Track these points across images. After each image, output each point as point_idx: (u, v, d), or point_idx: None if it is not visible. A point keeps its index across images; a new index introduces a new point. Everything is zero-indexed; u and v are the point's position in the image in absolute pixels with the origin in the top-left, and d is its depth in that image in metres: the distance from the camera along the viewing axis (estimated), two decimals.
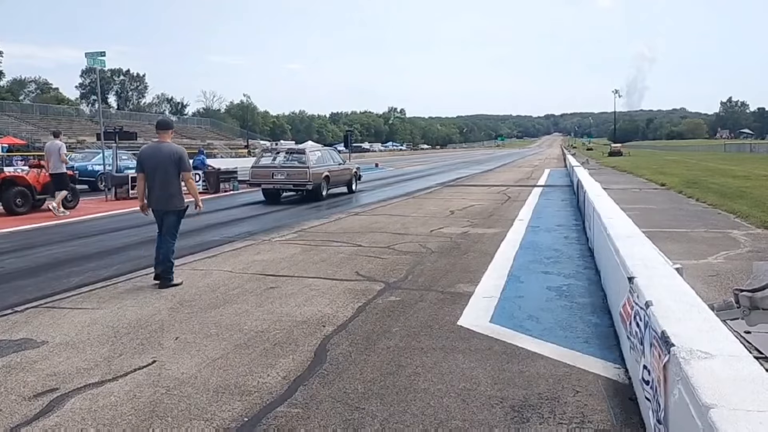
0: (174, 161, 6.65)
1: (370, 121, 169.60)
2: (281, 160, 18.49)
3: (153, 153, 6.76)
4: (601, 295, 5.93)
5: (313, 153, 18.58)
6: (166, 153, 6.68)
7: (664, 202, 15.61)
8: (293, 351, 4.48)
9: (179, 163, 6.67)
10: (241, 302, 5.89)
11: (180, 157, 6.69)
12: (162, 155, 6.67)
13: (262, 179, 17.84)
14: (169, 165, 6.63)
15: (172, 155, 6.66)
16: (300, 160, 17.97)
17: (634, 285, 3.55)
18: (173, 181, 6.68)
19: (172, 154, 6.66)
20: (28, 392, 3.80)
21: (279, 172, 17.61)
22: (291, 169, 17.59)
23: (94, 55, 18.76)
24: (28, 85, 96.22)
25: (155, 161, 6.67)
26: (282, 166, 17.97)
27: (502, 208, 14.40)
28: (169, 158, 6.64)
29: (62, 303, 6.01)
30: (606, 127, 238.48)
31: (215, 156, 53.21)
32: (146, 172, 6.73)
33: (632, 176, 27.45)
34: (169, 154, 6.67)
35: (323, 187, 18.04)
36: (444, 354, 4.37)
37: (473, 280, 6.74)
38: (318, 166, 17.95)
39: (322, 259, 8.08)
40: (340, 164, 19.87)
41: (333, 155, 20.26)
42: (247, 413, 3.45)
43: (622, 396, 3.62)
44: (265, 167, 18.24)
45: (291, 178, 17.39)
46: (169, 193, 6.69)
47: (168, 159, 6.64)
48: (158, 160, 6.66)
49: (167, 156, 6.65)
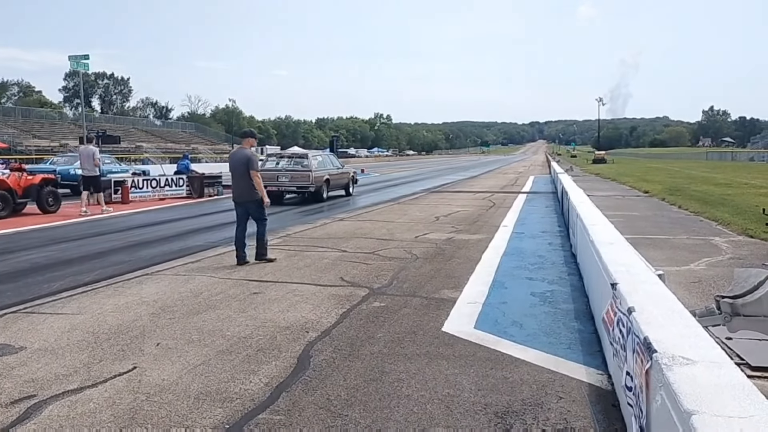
0: (244, 162, 8.21)
1: (356, 126, 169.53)
2: (285, 164, 19.39)
3: (233, 156, 8.53)
4: (584, 301, 5.95)
5: (315, 157, 19.59)
6: (240, 156, 8.33)
7: (646, 209, 15.75)
8: (276, 357, 4.44)
9: (247, 164, 8.18)
10: (223, 308, 5.83)
11: (248, 159, 8.23)
12: (237, 158, 8.34)
13: (267, 182, 18.16)
14: (242, 165, 8.22)
15: (243, 158, 8.27)
16: (303, 164, 18.91)
17: (617, 291, 3.57)
18: (245, 178, 8.21)
19: (243, 157, 8.28)
20: (5, 399, 3.72)
21: (283, 175, 18.53)
22: (294, 173, 18.52)
23: (78, 59, 18.59)
24: (11, 88, 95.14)
25: (234, 163, 8.37)
26: (286, 170, 18.85)
27: (486, 215, 14.44)
28: (241, 160, 8.27)
29: (42, 308, 5.91)
30: (590, 134, 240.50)
31: (200, 161, 52.92)
32: (231, 171, 8.47)
33: (616, 183, 27.69)
34: (241, 157, 8.31)
35: (324, 190, 18.93)
36: (428, 360, 4.35)
37: (457, 286, 6.74)
38: (319, 169, 18.85)
39: (307, 265, 8.04)
40: (339, 168, 20.84)
41: (333, 160, 21.28)
42: (229, 420, 3.40)
43: (605, 402, 3.62)
44: (270, 170, 18.87)
45: (294, 181, 18.37)
46: (243, 187, 8.28)
47: (240, 161, 8.26)
48: (235, 162, 8.34)
49: (240, 158, 8.28)
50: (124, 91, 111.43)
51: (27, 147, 49.45)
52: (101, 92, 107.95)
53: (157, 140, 69.52)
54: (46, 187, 15.71)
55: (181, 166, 22.67)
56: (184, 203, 19.23)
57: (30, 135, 55.97)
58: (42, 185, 15.61)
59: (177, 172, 22.12)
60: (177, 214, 15.91)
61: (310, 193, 18.57)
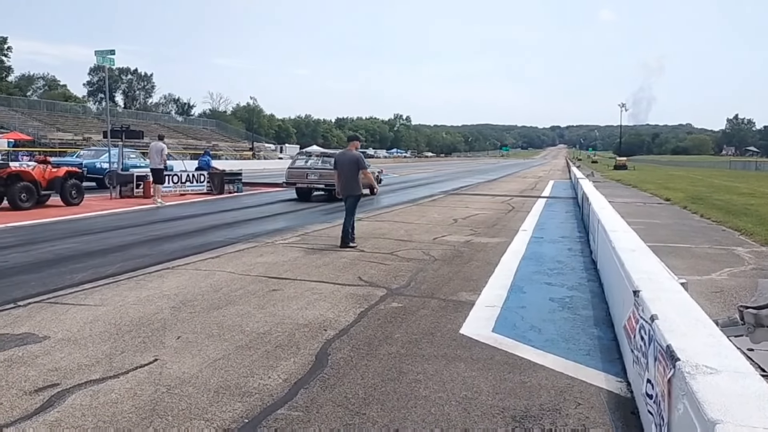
0: (354, 162, 9.66)
1: (375, 127, 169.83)
2: (314, 163, 20.03)
3: (342, 156, 9.97)
4: (604, 308, 5.91)
5: None
6: (349, 157, 9.77)
7: (668, 217, 15.58)
8: (294, 354, 4.48)
9: (358, 164, 9.65)
10: (243, 303, 5.89)
11: (357, 159, 9.71)
12: (347, 158, 9.77)
13: (296, 179, 19.57)
14: (352, 165, 9.65)
15: (352, 159, 9.72)
16: (331, 163, 18.81)
17: (640, 298, 3.55)
18: (353, 176, 9.64)
19: (352, 158, 9.73)
20: (29, 386, 3.79)
21: (312, 173, 19.30)
22: (323, 171, 18.98)
23: (104, 54, 18.82)
24: (36, 81, 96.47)
25: (342, 162, 9.77)
26: (315, 168, 19.56)
27: (505, 218, 14.39)
28: (350, 161, 9.70)
29: (65, 299, 6.01)
30: (611, 140, 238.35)
31: (220, 158, 53.43)
32: (338, 170, 9.82)
33: (637, 190, 27.43)
34: (351, 157, 9.75)
35: None
36: (445, 362, 4.36)
37: (476, 288, 6.73)
38: None
39: (325, 263, 8.07)
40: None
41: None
42: (248, 415, 3.44)
43: (624, 409, 3.60)
44: (300, 168, 19.85)
45: (323, 179, 18.84)
46: (349, 184, 9.66)
47: (350, 161, 9.69)
48: (344, 161, 9.75)
49: (349, 159, 9.72)
50: (147, 87, 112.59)
51: (51, 140, 50.29)
52: (125, 87, 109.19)
53: (179, 136, 70.22)
54: (69, 179, 15.94)
55: (203, 163, 22.83)
56: (204, 199, 19.39)
57: (54, 128, 56.87)
58: (66, 178, 15.85)
59: (198, 168, 22.28)
60: (197, 210, 16.06)
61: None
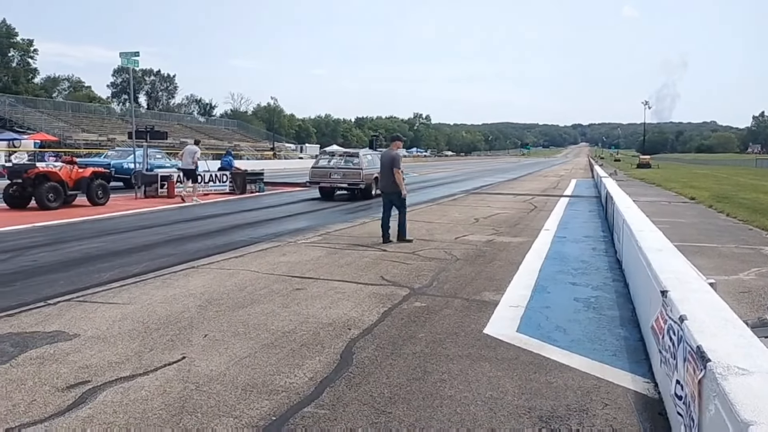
0: (391, 160, 10.12)
1: (395, 126, 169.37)
2: (337, 162, 20.19)
3: (383, 156, 10.62)
4: (630, 308, 5.86)
5: (366, 156, 20.30)
6: (388, 156, 10.36)
7: (693, 216, 15.39)
8: (319, 352, 4.51)
9: (393, 162, 10.05)
10: (267, 302, 5.94)
11: (393, 158, 10.15)
12: (386, 158, 10.35)
13: (320, 178, 19.81)
14: (389, 163, 10.13)
15: (390, 157, 10.24)
16: (353, 162, 19.71)
17: (668, 299, 3.52)
18: (391, 174, 10.03)
19: (390, 157, 10.25)
20: (62, 383, 3.87)
21: (335, 173, 19.52)
22: (346, 170, 19.45)
23: (128, 55, 19.10)
24: (61, 83, 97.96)
25: (383, 161, 10.37)
26: (338, 167, 19.81)
27: (527, 218, 14.31)
28: (389, 159, 10.20)
29: (93, 297, 6.12)
30: (634, 138, 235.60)
31: (241, 158, 53.83)
32: (380, 168, 10.58)
33: (661, 189, 27.10)
34: (390, 156, 10.31)
35: (373, 187, 19.44)
36: (470, 362, 4.36)
37: (499, 288, 6.72)
38: (369, 168, 19.43)
39: (348, 263, 8.11)
40: None
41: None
42: (275, 412, 3.47)
43: (651, 410, 3.57)
44: (323, 168, 20.06)
45: (346, 178, 19.36)
46: (389, 182, 10.12)
47: (389, 160, 10.20)
48: (384, 160, 10.33)
49: (389, 158, 10.24)
50: (170, 88, 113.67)
51: (76, 140, 51.04)
52: (148, 88, 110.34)
53: (201, 136, 70.72)
54: (95, 180, 16.19)
55: (225, 163, 23.06)
56: (226, 199, 19.58)
57: (79, 129, 57.71)
58: (92, 178, 16.09)
59: (221, 168, 22.50)
60: (220, 210, 16.22)
61: (360, 190, 19.32)
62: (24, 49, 76.61)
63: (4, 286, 6.79)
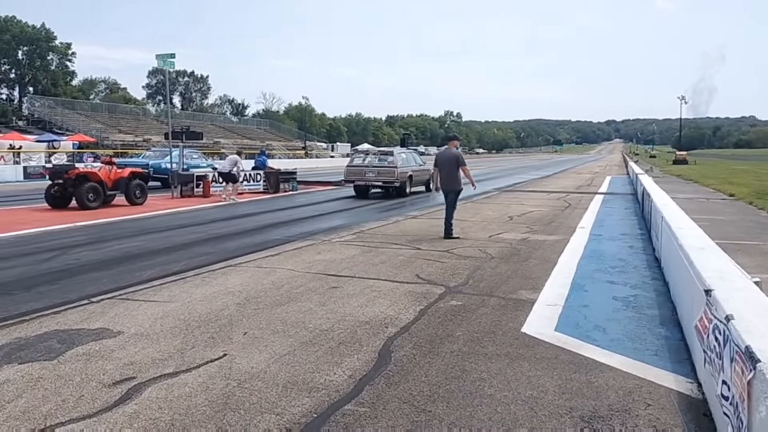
0: (454, 160, 10.50)
1: (425, 124, 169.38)
2: (371, 161, 20.36)
3: (443, 155, 10.73)
4: (670, 307, 5.77)
5: (400, 155, 20.51)
6: (449, 155, 10.61)
7: (733, 213, 15.04)
8: (357, 351, 4.54)
9: (457, 161, 10.48)
10: (304, 300, 6.00)
11: (457, 157, 10.55)
12: (447, 156, 10.60)
13: (355, 177, 20.01)
14: (452, 162, 10.49)
15: (452, 156, 10.57)
16: (388, 160, 19.84)
17: (712, 298, 3.46)
18: (454, 172, 10.46)
19: (452, 156, 10.58)
20: (108, 380, 3.97)
21: (370, 171, 19.67)
22: (381, 169, 19.57)
23: (165, 57, 19.44)
24: (98, 84, 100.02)
25: (444, 160, 10.58)
26: (373, 166, 19.89)
27: (562, 215, 14.16)
28: (451, 158, 10.54)
29: (135, 295, 6.26)
30: (670, 134, 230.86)
31: (274, 157, 54.26)
32: (439, 167, 10.68)
33: (698, 185, 26.53)
34: (451, 155, 10.60)
35: (407, 185, 19.81)
36: (509, 361, 4.34)
37: (535, 287, 6.67)
38: (404, 166, 19.83)
39: (382, 261, 8.13)
40: (420, 165, 21.62)
41: (415, 157, 22.10)
42: (316, 410, 3.51)
43: (695, 411, 3.52)
44: (358, 166, 20.26)
45: (380, 176, 19.52)
46: (451, 179, 10.49)
47: (450, 159, 10.54)
48: (444, 159, 10.59)
49: (451, 157, 10.56)
50: (203, 88, 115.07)
51: (113, 141, 52.18)
52: (182, 89, 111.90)
53: (234, 136, 71.79)
54: (133, 180, 16.54)
55: (258, 162, 23.31)
56: (261, 198, 19.82)
57: (116, 130, 58.99)
58: (130, 178, 16.45)
59: (254, 168, 22.76)
60: (255, 209, 16.42)
61: (395, 188, 19.45)
62: (62, 53, 78.42)
63: (49, 284, 7.00)
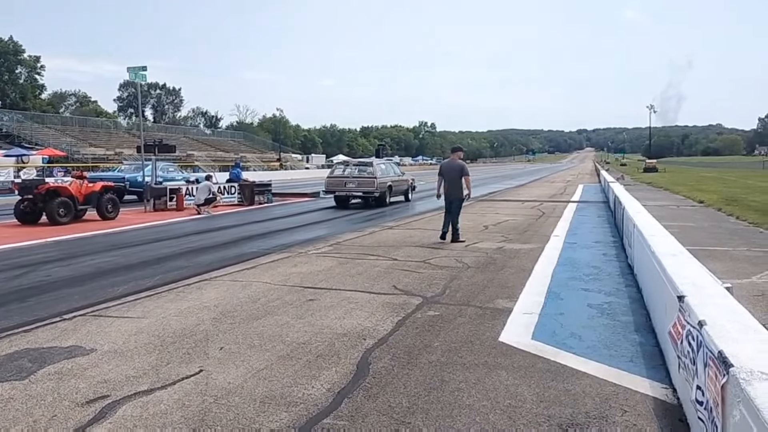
0: (458, 170, 11.16)
1: (400, 134, 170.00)
2: (351, 171, 20.63)
3: (448, 165, 11.45)
4: (644, 314, 5.85)
5: (379, 165, 20.85)
6: (453, 165, 11.30)
7: (703, 219, 15.32)
8: (336, 363, 4.51)
9: (461, 171, 11.13)
10: (281, 314, 5.95)
11: (462, 168, 11.22)
12: (451, 167, 11.31)
13: (335, 187, 20.26)
14: (455, 172, 11.16)
15: (457, 167, 11.23)
16: (368, 171, 20.13)
17: (685, 304, 3.51)
18: (457, 182, 11.11)
19: (457, 166, 11.25)
20: (81, 398, 3.89)
21: (350, 181, 19.93)
22: (361, 179, 19.83)
23: (136, 70, 19.26)
24: (68, 98, 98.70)
25: (449, 170, 11.30)
26: (353, 177, 20.13)
27: (536, 224, 14.30)
28: (455, 168, 11.22)
29: (108, 312, 6.15)
30: (640, 142, 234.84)
31: (248, 169, 53.86)
32: (443, 176, 11.33)
33: (669, 193, 27.02)
34: (455, 165, 11.27)
35: (387, 195, 20.12)
36: (487, 370, 4.36)
37: (512, 296, 6.71)
38: (383, 176, 20.10)
39: (359, 273, 8.12)
40: (399, 176, 22.12)
41: (394, 168, 22.59)
42: (294, 424, 3.48)
43: (671, 417, 3.56)
44: (338, 177, 20.53)
45: (360, 187, 19.85)
46: (455, 188, 11.16)
47: (455, 169, 11.22)
48: (450, 169, 11.29)
49: (454, 167, 11.25)
50: (176, 101, 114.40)
51: (84, 155, 51.34)
52: (154, 102, 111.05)
53: (208, 148, 71.12)
54: (105, 194, 16.29)
55: (233, 175, 23.18)
56: (236, 210, 19.68)
57: (87, 143, 58.06)
58: (102, 193, 16.19)
59: (229, 180, 22.61)
60: (230, 221, 16.29)
61: (375, 198, 19.72)
62: (31, 66, 77.29)
63: (19, 302, 6.85)
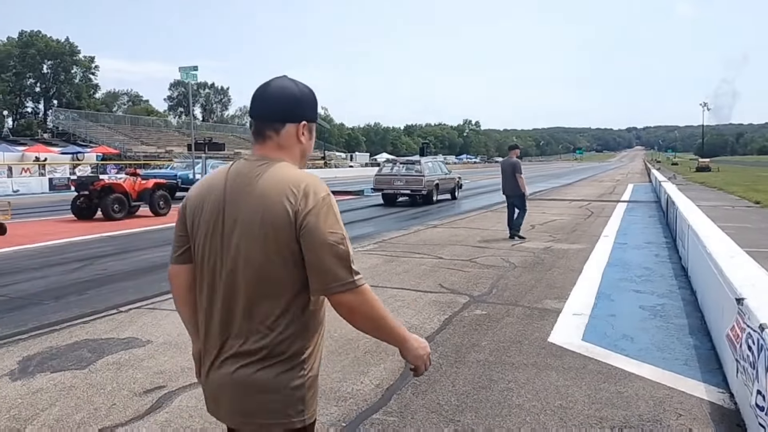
0: (510, 167, 11.54)
1: (444, 133, 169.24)
2: (399, 169, 20.80)
3: (505, 162, 11.89)
4: (698, 316, 5.70)
5: (427, 163, 21.03)
6: (509, 163, 11.69)
7: (760, 220, 14.81)
8: (383, 360, 4.54)
9: (514, 168, 11.45)
10: (328, 310, 5.98)
11: (514, 165, 11.51)
12: (507, 164, 11.72)
13: (383, 185, 20.50)
14: (510, 169, 11.52)
15: (510, 165, 11.59)
16: (416, 169, 20.34)
17: (744, 307, 3.42)
18: (511, 178, 11.46)
19: (511, 163, 11.60)
20: (138, 388, 4.02)
21: (398, 180, 20.11)
22: (408, 177, 20.19)
23: (188, 70, 19.73)
24: (121, 97, 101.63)
25: (505, 167, 11.72)
26: (401, 175, 20.49)
27: (585, 224, 14.06)
28: (510, 166, 11.58)
29: (162, 305, 6.32)
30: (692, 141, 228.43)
31: None
32: (502, 173, 11.76)
33: (723, 193, 26.17)
34: (511, 163, 11.62)
35: (434, 193, 20.31)
36: (536, 370, 4.32)
37: (560, 296, 6.62)
38: (430, 175, 20.30)
39: (405, 270, 8.14)
40: (446, 174, 22.31)
41: (441, 166, 22.76)
42: (344, 418, 3.53)
43: (728, 422, 3.47)
44: (386, 175, 20.75)
45: (408, 185, 20.06)
46: (510, 185, 11.54)
47: (510, 166, 11.58)
48: (506, 166, 11.70)
49: (510, 165, 11.61)
50: (224, 100, 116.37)
51: (136, 153, 52.84)
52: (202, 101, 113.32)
53: None
54: (157, 191, 16.75)
55: None
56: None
57: (138, 141, 59.77)
58: (154, 190, 16.66)
59: None
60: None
61: (422, 195, 19.89)
62: (86, 66, 79.76)
63: (78, 294, 7.11)
